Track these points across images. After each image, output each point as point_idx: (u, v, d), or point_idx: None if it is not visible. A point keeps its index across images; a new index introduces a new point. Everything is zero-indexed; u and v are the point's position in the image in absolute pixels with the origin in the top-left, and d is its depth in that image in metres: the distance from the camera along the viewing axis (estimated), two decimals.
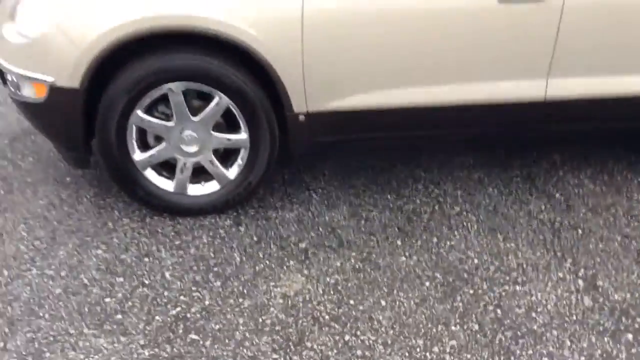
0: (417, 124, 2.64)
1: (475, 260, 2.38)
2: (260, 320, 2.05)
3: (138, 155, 2.46)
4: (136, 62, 2.28)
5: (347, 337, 1.99)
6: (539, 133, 2.85)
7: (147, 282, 2.20)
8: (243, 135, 2.47)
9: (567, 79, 2.54)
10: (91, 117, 2.37)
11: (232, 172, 2.54)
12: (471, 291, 2.21)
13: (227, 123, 2.47)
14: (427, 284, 2.25)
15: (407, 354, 1.93)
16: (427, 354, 1.94)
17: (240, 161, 2.53)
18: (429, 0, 2.33)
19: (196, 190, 2.56)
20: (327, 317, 2.07)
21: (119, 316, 2.04)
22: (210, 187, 2.57)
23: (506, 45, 2.44)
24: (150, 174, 2.51)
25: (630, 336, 2.03)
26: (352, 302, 2.14)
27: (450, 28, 2.37)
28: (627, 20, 2.45)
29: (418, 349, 1.95)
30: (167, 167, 2.54)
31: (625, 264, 2.38)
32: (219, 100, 2.38)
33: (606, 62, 2.53)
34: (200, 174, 2.54)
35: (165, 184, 2.54)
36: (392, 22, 2.33)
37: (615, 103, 2.63)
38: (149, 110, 2.39)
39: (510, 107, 2.59)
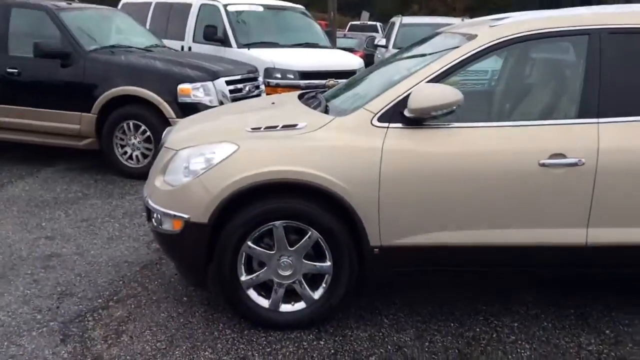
0: (475, 261, 3.12)
1: None
2: None
3: (244, 277, 3.08)
4: (252, 205, 2.98)
5: None
6: (585, 274, 3.22)
7: None
8: (328, 264, 3.05)
9: (605, 228, 2.97)
10: (212, 246, 3.06)
11: (317, 294, 3.09)
12: None
13: (315, 253, 3.07)
14: None
15: None
16: None
17: (324, 285, 3.09)
18: (485, 163, 2.92)
19: (287, 308, 3.12)
20: None
21: None
22: (298, 306, 3.11)
23: (550, 199, 2.95)
24: (252, 293, 3.11)
25: None
26: None
27: (500, 184, 2.92)
28: None
29: None
30: (264, 288, 3.13)
31: None
32: (311, 235, 3.01)
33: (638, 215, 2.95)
34: (290, 295, 3.11)
35: (263, 302, 3.11)
36: (451, 181, 2.92)
37: None
38: (256, 241, 3.05)
39: (558, 250, 3.02)
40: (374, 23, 26.40)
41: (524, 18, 3.24)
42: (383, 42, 10.88)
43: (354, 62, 8.74)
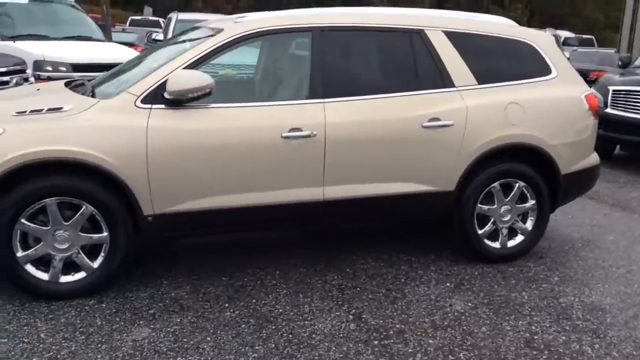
0: (237, 221, 3.63)
1: (280, 310, 3.30)
2: (114, 355, 2.79)
3: (21, 253, 3.22)
4: (22, 184, 3.13)
5: (178, 359, 2.78)
6: (327, 225, 3.95)
7: (26, 340, 2.89)
8: (104, 234, 3.33)
9: (337, 186, 3.67)
10: None
11: (96, 263, 3.35)
12: (273, 326, 3.11)
13: (92, 225, 3.32)
14: (243, 325, 3.12)
15: None
16: None
17: (103, 254, 3.36)
18: (237, 136, 3.41)
19: (67, 279, 3.32)
20: (165, 349, 2.86)
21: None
22: (78, 276, 3.34)
23: (292, 164, 3.57)
24: (30, 268, 3.26)
25: (376, 342, 3.01)
26: (185, 339, 2.96)
27: (251, 154, 3.45)
28: (366, 148, 3.65)
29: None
30: (43, 262, 3.29)
31: (384, 305, 3.41)
32: (85, 209, 3.26)
33: (359, 174, 3.70)
34: (70, 266, 3.32)
35: (42, 275, 3.28)
36: (210, 153, 3.37)
37: (373, 201, 3.78)
38: (30, 218, 3.20)
39: (304, 206, 3.67)
40: (156, 19, 26.04)
41: (263, 16, 3.84)
42: (161, 37, 11.05)
43: (130, 55, 8.79)
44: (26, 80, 6.74)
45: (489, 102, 3.88)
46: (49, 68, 7.64)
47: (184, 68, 3.40)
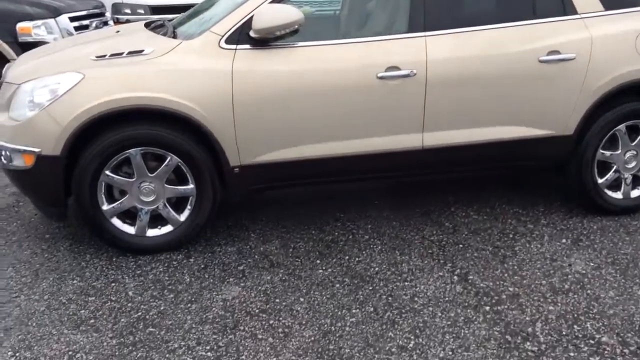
0: (330, 172, 3.34)
1: (377, 268, 3.03)
2: (204, 316, 2.63)
3: (106, 206, 3.09)
4: (106, 134, 2.96)
5: (271, 322, 2.59)
6: (425, 176, 3.61)
7: (113, 298, 2.78)
8: (190, 186, 3.14)
9: (437, 132, 3.30)
10: (68, 179, 3.02)
11: (183, 216, 3.19)
12: (370, 287, 2.85)
13: (177, 176, 3.14)
14: (337, 285, 2.88)
15: (316, 329, 2.53)
16: (332, 327, 2.54)
17: (189, 207, 3.18)
18: (330, 78, 3.08)
19: (154, 232, 3.18)
20: (257, 310, 2.67)
21: (92, 320, 2.60)
22: (165, 230, 3.19)
23: (388, 108, 3.21)
24: (116, 222, 3.13)
25: (487, 308, 2.68)
26: (277, 300, 2.75)
27: (344, 98, 3.12)
28: (473, 88, 3.22)
29: (325, 325, 2.56)
30: (129, 215, 3.16)
31: (492, 264, 3.06)
32: (170, 160, 3.07)
33: (464, 118, 3.30)
34: (156, 219, 3.18)
35: (128, 229, 3.15)
36: (299, 97, 3.07)
37: (477, 148, 3.37)
38: (115, 170, 3.05)
39: (401, 155, 3.32)
40: None
41: None
42: None
43: None
44: (105, 23, 6.65)
45: (617, 31, 3.31)
46: (128, 11, 7.52)
47: (270, 2, 3.06)
